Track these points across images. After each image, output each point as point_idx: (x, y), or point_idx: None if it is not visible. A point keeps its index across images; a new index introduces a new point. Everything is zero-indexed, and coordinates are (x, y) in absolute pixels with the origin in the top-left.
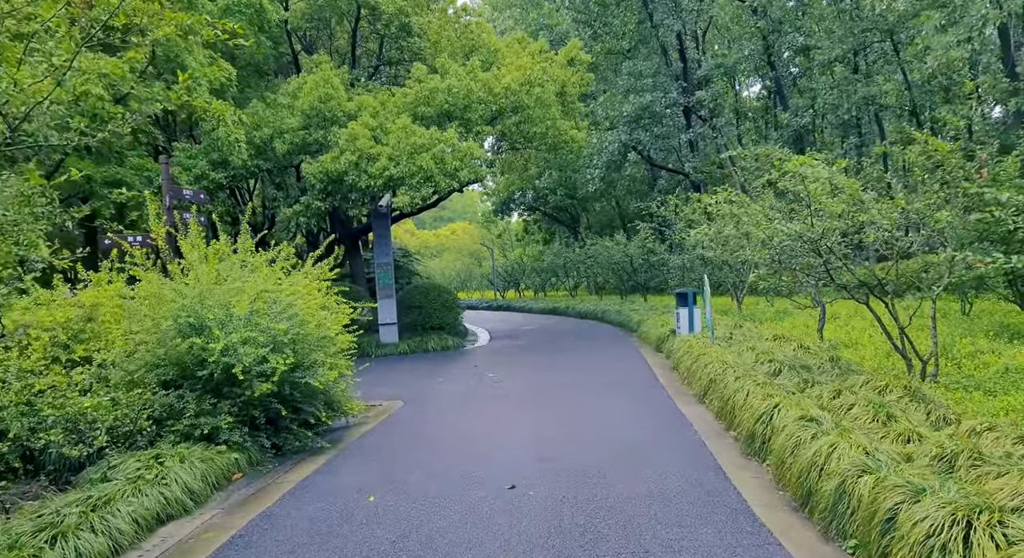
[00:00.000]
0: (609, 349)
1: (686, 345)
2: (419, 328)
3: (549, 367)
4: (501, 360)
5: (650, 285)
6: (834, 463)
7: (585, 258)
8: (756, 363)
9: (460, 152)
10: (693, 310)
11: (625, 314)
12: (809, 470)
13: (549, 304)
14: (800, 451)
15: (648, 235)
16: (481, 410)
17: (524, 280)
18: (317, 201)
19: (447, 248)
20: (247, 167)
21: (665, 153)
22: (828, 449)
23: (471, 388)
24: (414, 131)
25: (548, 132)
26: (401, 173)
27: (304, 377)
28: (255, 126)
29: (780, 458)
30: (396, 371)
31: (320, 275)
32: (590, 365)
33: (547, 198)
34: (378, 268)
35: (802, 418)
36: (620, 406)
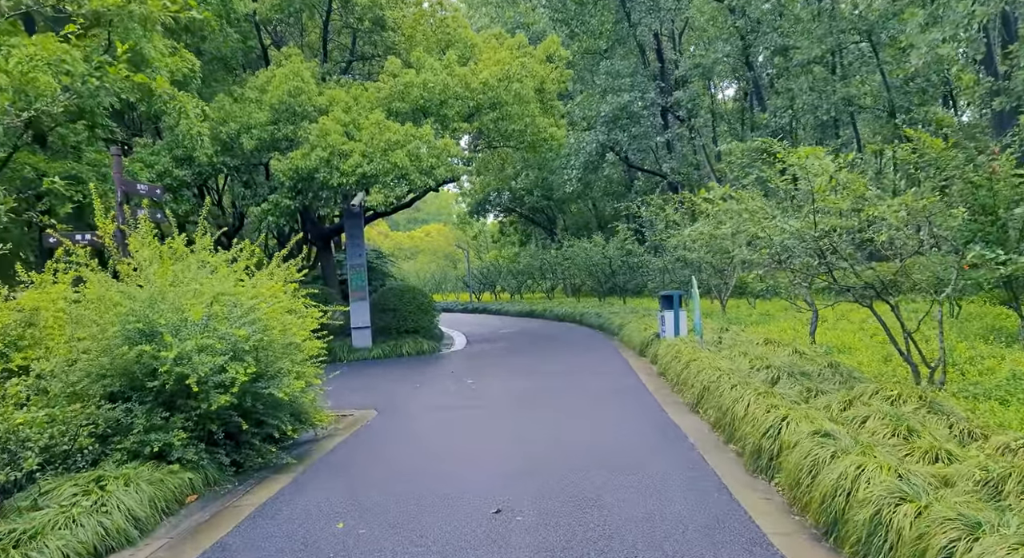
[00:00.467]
0: (591, 353)
1: (673, 350)
2: (393, 332)
3: (529, 372)
4: (479, 365)
5: (628, 287)
6: (864, 488)
7: (562, 260)
8: (752, 370)
9: (436, 149)
10: (679, 313)
11: (605, 317)
12: (834, 495)
13: (526, 306)
14: (821, 472)
15: (627, 236)
16: (460, 420)
17: (500, 282)
18: (286, 200)
19: (422, 250)
20: (213, 164)
21: (643, 154)
22: (854, 471)
23: (448, 396)
24: (388, 127)
25: (527, 129)
26: (374, 170)
27: (268, 387)
28: (221, 121)
29: (794, 478)
30: (369, 377)
31: (287, 276)
32: (572, 370)
33: (523, 199)
34: (351, 270)
35: (816, 433)
36: (608, 415)
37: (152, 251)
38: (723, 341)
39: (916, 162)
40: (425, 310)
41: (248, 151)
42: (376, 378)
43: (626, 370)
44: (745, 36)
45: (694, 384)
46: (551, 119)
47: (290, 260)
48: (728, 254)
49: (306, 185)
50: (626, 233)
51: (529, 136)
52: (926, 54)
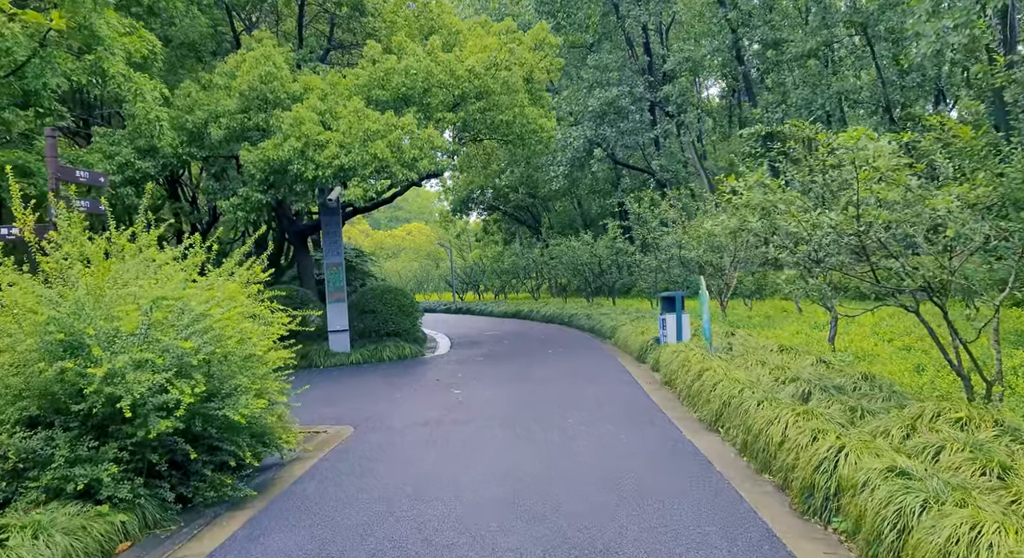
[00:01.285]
0: (585, 359)
1: (680, 357)
2: (373, 335)
3: (520, 380)
4: (465, 372)
5: (617, 287)
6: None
7: (549, 259)
8: (776, 382)
9: (419, 140)
10: (682, 316)
11: (595, 318)
12: None
13: (511, 307)
14: (914, 529)
15: (617, 234)
16: (446, 440)
17: (484, 282)
18: (257, 193)
19: (404, 249)
20: (178, 155)
21: (630, 151)
22: (969, 532)
23: (433, 408)
24: (367, 115)
25: (515, 120)
26: (352, 162)
27: (222, 408)
28: (188, 109)
29: (873, 531)
30: (347, 386)
31: (250, 277)
32: (567, 379)
33: (508, 197)
34: (328, 269)
35: (889, 471)
36: (614, 433)
37: (76, 248)
38: (733, 348)
39: (940, 152)
40: (407, 312)
41: (216, 141)
42: (354, 387)
43: (626, 378)
44: (736, 29)
45: (711, 399)
46: (540, 110)
47: (251, 258)
48: (731, 252)
49: (279, 178)
50: (615, 231)
51: (518, 127)
52: (935, 42)
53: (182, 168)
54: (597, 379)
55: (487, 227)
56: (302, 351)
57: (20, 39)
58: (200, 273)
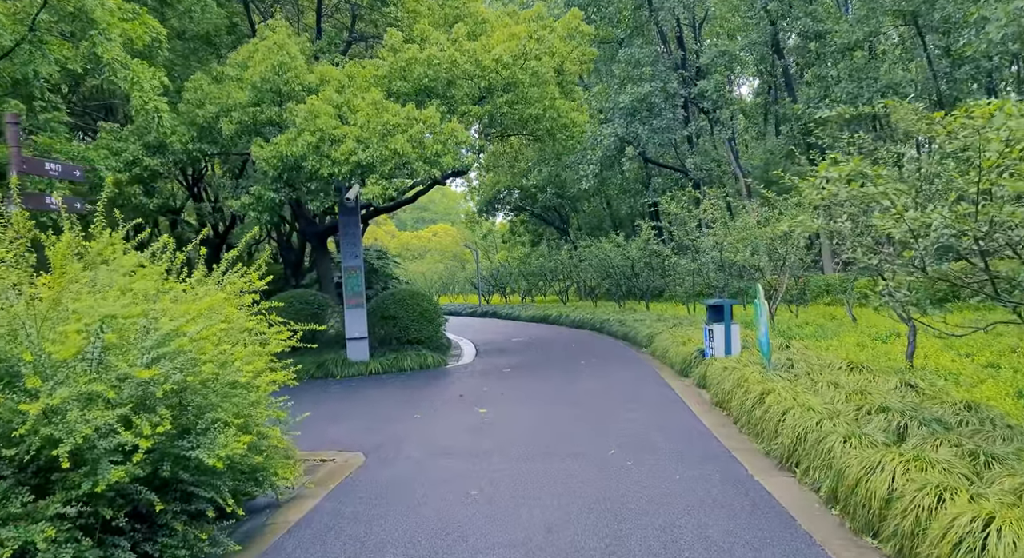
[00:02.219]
0: (621, 372)
1: (733, 375)
2: (394, 342)
3: (552, 398)
4: (491, 386)
5: (649, 291)
6: None
7: (578, 261)
8: (859, 411)
9: (442, 134)
10: (731, 327)
11: (629, 325)
12: None
13: (538, 311)
14: None
15: (650, 235)
16: (471, 476)
17: (511, 284)
18: (270, 192)
19: (430, 250)
20: (188, 151)
21: (662, 149)
22: None
23: (456, 433)
24: (387, 108)
25: (545, 114)
26: (371, 158)
27: (195, 447)
28: (198, 103)
29: None
30: (363, 400)
31: (244, 285)
32: (604, 396)
33: (535, 197)
34: (345, 272)
35: None
36: (667, 471)
37: (13, 253)
38: (794, 364)
39: None
40: (429, 318)
41: (227, 137)
42: (370, 402)
43: (670, 397)
44: (775, 21)
45: (780, 430)
46: (572, 103)
47: (239, 263)
48: (781, 254)
49: (293, 175)
50: (649, 232)
51: (547, 121)
52: (1005, 27)
53: (192, 166)
54: (638, 397)
55: (514, 228)
56: (318, 360)
57: (4, 22)
58: (178, 279)
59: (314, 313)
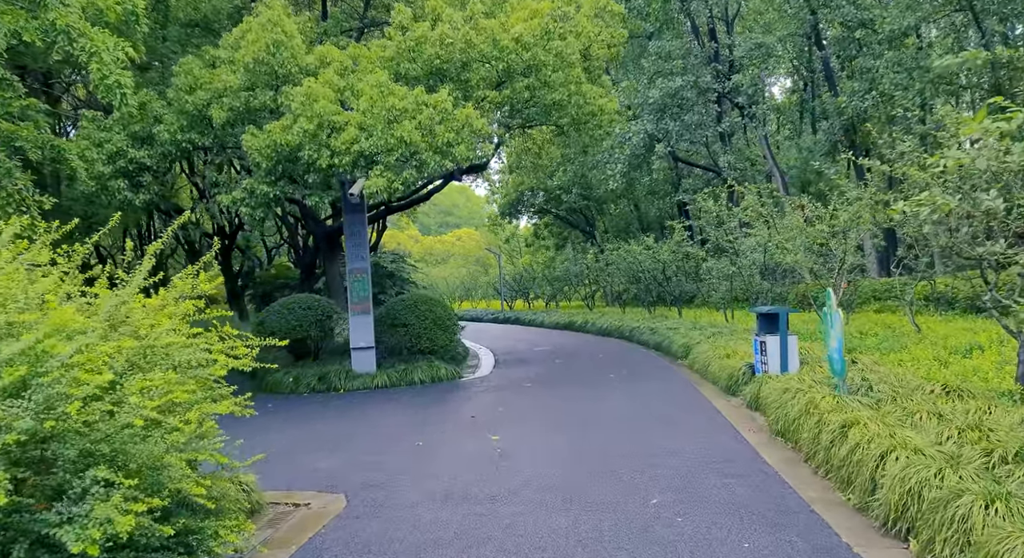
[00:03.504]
0: (657, 388)
1: (799, 399)
2: (404, 352)
3: (578, 421)
4: (509, 405)
5: (681, 296)
6: None
7: (605, 265)
8: (986, 456)
9: (455, 121)
10: (787, 339)
11: (661, 333)
12: None
13: (563, 317)
14: None
15: (683, 237)
16: (474, 535)
17: (534, 289)
18: (264, 185)
19: (453, 255)
20: (177, 143)
21: (694, 147)
22: None
23: (462, 468)
24: (393, 91)
25: (571, 100)
26: (374, 147)
27: (65, 522)
28: (188, 89)
29: None
30: (361, 420)
31: (184, 291)
32: (639, 419)
33: (560, 198)
34: (350, 275)
35: None
36: (732, 538)
37: None
38: (872, 386)
39: None
40: (444, 326)
41: (218, 125)
42: (370, 423)
43: (717, 422)
44: (816, 10)
45: (879, 480)
46: (600, 88)
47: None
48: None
49: (289, 167)
50: (682, 233)
51: (573, 109)
52: None
53: (182, 158)
54: (679, 421)
55: (538, 231)
56: (321, 371)
57: None
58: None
59: (318, 320)
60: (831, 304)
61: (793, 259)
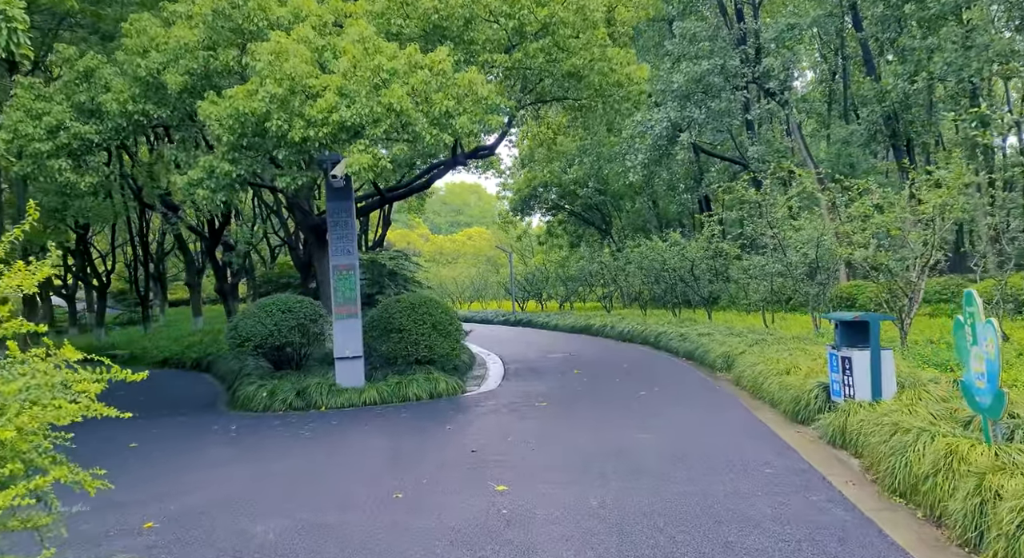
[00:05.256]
0: (703, 413)
1: (930, 447)
2: (399, 361)
3: (610, 464)
4: (518, 433)
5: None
6: None
7: (624, 263)
8: None
9: (456, 87)
10: (880, 355)
11: (692, 340)
12: None
13: (579, 320)
14: None
15: (714, 232)
16: None
17: (547, 290)
18: (225, 163)
19: (463, 254)
20: (128, 115)
21: (720, 136)
22: None
23: (449, 544)
24: (379, 48)
25: (593, 66)
26: (357, 116)
27: None
28: (141, 51)
29: None
30: (333, 453)
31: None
32: (691, 460)
33: (575, 193)
34: (335, 273)
35: None
36: None
37: None
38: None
39: None
40: (445, 331)
41: (175, 92)
42: (342, 458)
43: (798, 467)
44: None
45: None
46: (627, 53)
47: None
48: (921, 249)
49: (257, 142)
50: (713, 228)
51: (595, 77)
52: None
53: (133, 135)
54: (744, 464)
55: (551, 229)
56: (301, 384)
57: None
58: None
59: (300, 324)
60: (976, 311)
61: (862, 255)
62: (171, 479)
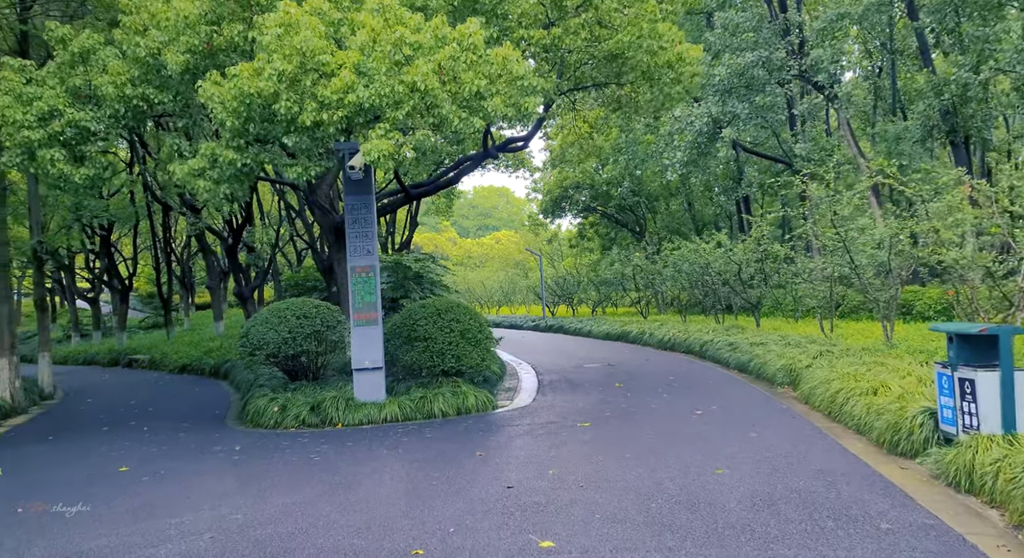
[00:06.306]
0: (776, 439)
1: None
2: (424, 372)
3: (681, 513)
4: (561, 463)
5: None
6: None
7: (662, 267)
8: None
9: (488, 64)
10: (1014, 379)
11: (744, 350)
12: None
13: (614, 326)
14: None
15: (763, 233)
16: None
17: (579, 294)
18: (230, 151)
19: (491, 258)
20: (127, 100)
21: (763, 133)
22: None
23: None
24: (401, 19)
25: (640, 42)
26: (376, 98)
27: None
28: (140, 30)
29: None
30: (341, 488)
31: None
32: (781, 506)
33: (609, 194)
34: (352, 275)
35: None
36: None
37: None
38: None
39: None
40: (473, 339)
41: (176, 73)
42: (351, 495)
43: (917, 521)
44: None
45: None
46: (679, 30)
47: None
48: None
49: (265, 128)
50: (765, 228)
51: (644, 56)
52: None
53: (136, 122)
54: (847, 516)
55: (583, 232)
56: (316, 398)
57: None
58: None
59: (316, 331)
60: None
61: (955, 256)
62: (148, 521)
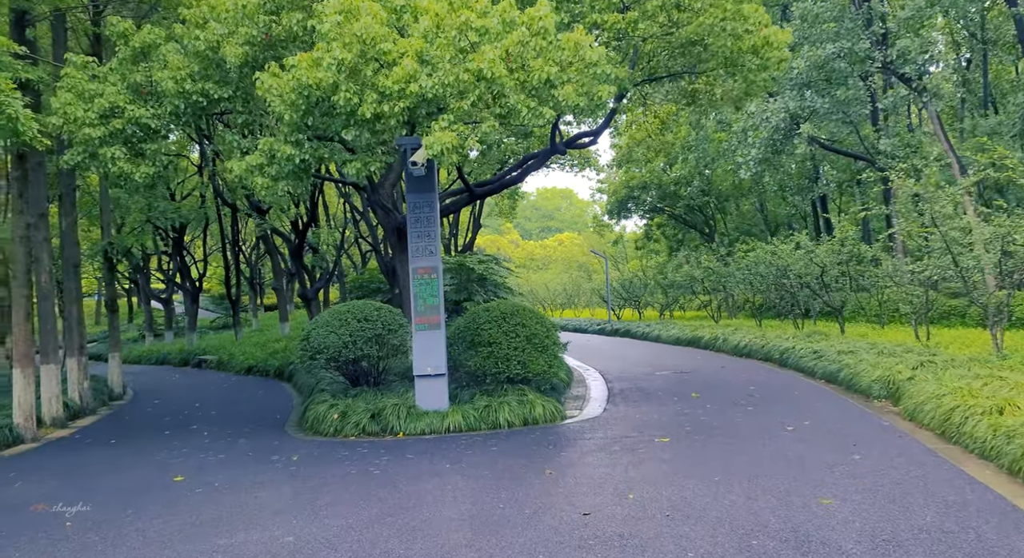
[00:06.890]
0: (882, 461)
1: None
2: (488, 379)
3: (781, 543)
4: (642, 491)
5: (838, 308)
6: None
7: (735, 269)
8: None
9: (559, 50)
10: None
11: (831, 358)
12: None
13: (684, 331)
14: None
15: (848, 234)
16: None
17: (645, 297)
18: (288, 146)
19: (554, 260)
20: (186, 95)
21: (843, 128)
22: None
23: None
24: (467, 2)
25: (724, 26)
26: (440, 87)
27: None
28: (200, 23)
29: None
30: (398, 509)
31: None
32: (901, 548)
33: (677, 194)
34: (414, 277)
35: None
36: None
37: None
38: None
39: None
40: (541, 345)
41: (234, 67)
42: (408, 518)
43: None
44: None
45: None
46: (764, 14)
47: None
48: None
49: (325, 122)
50: (850, 229)
51: (727, 40)
52: None
53: (195, 119)
54: None
55: (649, 233)
56: (376, 405)
57: None
58: None
59: (378, 335)
60: None
61: None
62: (196, 542)
